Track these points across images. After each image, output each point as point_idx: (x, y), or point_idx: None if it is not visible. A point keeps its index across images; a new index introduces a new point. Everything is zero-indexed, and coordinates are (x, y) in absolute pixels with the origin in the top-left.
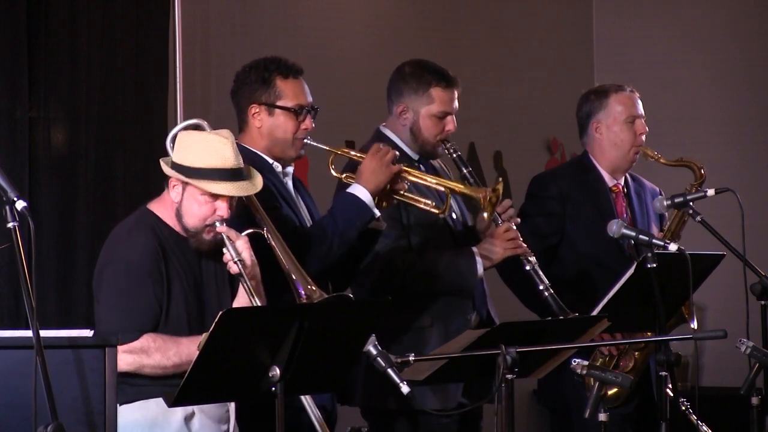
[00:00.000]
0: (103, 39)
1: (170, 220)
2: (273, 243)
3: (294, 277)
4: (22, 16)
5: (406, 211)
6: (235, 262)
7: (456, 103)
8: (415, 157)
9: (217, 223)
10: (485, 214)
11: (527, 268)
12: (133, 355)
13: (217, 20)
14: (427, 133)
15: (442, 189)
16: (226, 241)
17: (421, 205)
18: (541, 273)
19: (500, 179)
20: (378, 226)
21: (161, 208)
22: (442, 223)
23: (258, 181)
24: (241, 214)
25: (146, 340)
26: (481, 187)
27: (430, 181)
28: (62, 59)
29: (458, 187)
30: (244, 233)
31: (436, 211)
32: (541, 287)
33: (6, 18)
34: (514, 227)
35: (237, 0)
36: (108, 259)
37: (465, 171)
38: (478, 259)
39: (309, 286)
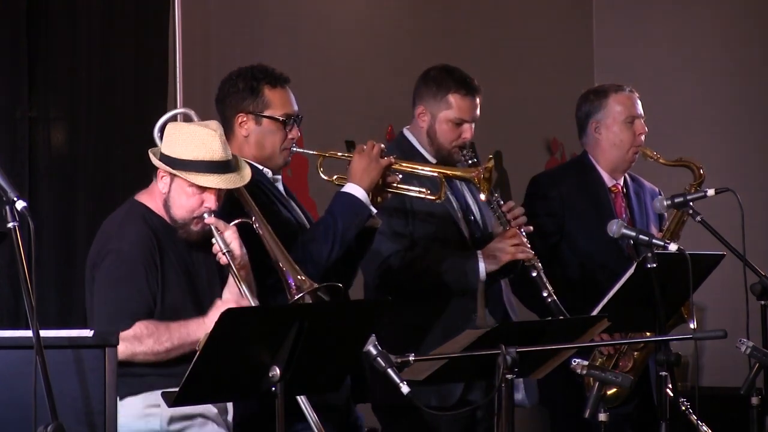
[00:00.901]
0: (103, 39)
1: (160, 211)
2: (262, 232)
3: (284, 268)
4: (22, 16)
5: (412, 220)
6: (224, 254)
7: (477, 112)
8: (433, 161)
9: (205, 215)
10: (482, 195)
11: (533, 274)
12: (125, 343)
13: (217, 20)
14: (443, 138)
15: (436, 175)
16: (215, 233)
17: (416, 194)
18: (545, 280)
19: (491, 157)
20: (374, 224)
21: (150, 198)
22: (453, 226)
23: (246, 173)
24: (226, 203)
25: (138, 328)
26: (474, 168)
27: (421, 169)
28: (62, 59)
29: (449, 170)
30: (232, 223)
31: (432, 197)
32: (545, 294)
33: (6, 18)
34: (523, 233)
35: (237, 0)
36: (100, 251)
37: None
38: (481, 260)
39: (298, 276)
